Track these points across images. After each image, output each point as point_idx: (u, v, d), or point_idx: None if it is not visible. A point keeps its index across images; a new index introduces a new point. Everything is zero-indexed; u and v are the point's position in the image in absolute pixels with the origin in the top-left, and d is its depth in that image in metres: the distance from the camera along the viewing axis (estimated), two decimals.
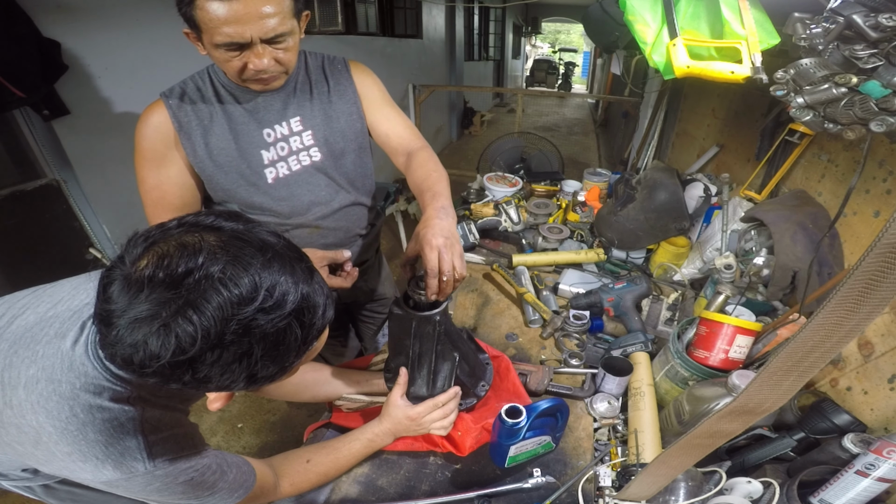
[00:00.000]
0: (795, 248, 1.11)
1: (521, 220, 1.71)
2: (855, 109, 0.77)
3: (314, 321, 0.51)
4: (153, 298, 0.42)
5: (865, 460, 0.68)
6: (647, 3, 1.03)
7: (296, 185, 1.07)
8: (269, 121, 1.02)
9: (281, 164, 1.04)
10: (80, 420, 0.52)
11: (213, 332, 0.43)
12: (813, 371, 0.47)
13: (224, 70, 0.92)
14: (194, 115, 0.98)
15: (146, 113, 0.98)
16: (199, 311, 0.43)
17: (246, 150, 1.01)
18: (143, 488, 0.56)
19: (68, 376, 0.53)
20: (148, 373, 0.45)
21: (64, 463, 0.53)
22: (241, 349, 0.45)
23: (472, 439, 0.90)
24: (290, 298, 0.48)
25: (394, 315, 0.84)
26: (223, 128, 1.00)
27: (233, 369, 0.46)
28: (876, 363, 0.89)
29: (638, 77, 3.43)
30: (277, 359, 0.49)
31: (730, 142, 1.87)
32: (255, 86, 0.96)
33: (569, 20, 13.60)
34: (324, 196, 1.10)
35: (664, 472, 0.68)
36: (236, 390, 0.52)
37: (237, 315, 0.44)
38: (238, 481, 0.67)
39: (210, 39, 0.85)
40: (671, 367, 0.98)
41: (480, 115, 7.90)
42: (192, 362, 0.44)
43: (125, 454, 0.54)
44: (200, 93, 1.00)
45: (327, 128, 1.06)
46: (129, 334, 0.43)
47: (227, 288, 0.44)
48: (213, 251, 0.45)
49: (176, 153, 0.99)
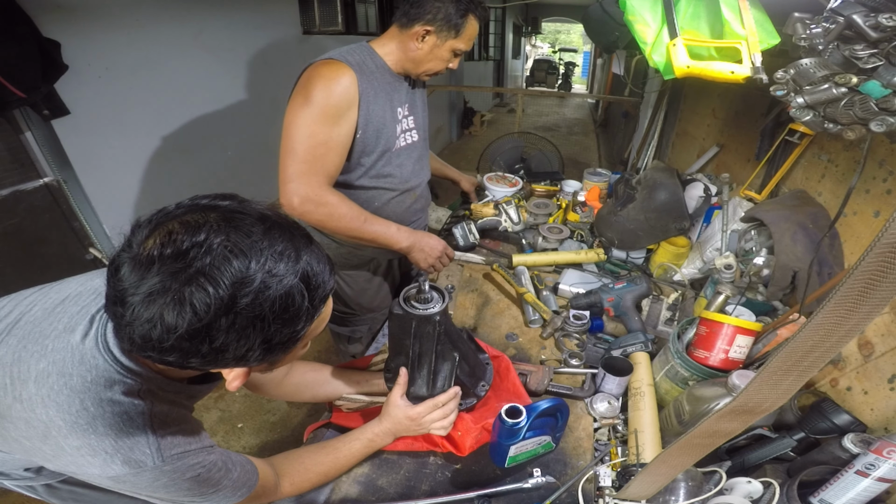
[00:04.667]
0: (795, 248, 1.11)
1: (521, 220, 1.71)
2: (855, 109, 0.77)
3: (318, 283, 0.53)
4: (164, 271, 0.44)
5: (865, 460, 0.68)
6: (647, 2, 1.03)
7: (405, 156, 1.32)
8: (399, 101, 1.25)
9: (402, 137, 1.28)
10: (91, 414, 0.52)
11: (225, 296, 0.45)
12: (812, 371, 0.47)
13: (429, 65, 1.21)
14: (370, 86, 1.14)
15: (334, 71, 1.09)
16: (209, 278, 0.44)
17: (392, 120, 1.23)
18: (150, 483, 0.56)
19: (79, 370, 0.53)
20: (167, 348, 0.46)
21: (72, 458, 0.53)
22: (253, 312, 0.47)
23: (472, 439, 0.90)
24: (294, 261, 0.50)
25: (394, 315, 0.84)
26: (384, 99, 1.19)
27: (248, 334, 0.47)
28: (876, 363, 0.89)
29: (638, 77, 3.43)
30: (289, 321, 0.50)
31: (730, 142, 1.87)
32: (426, 77, 1.27)
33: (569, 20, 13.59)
34: (419, 169, 1.39)
35: (664, 472, 0.68)
36: (254, 363, 0.52)
37: (246, 279, 0.46)
38: (241, 480, 0.67)
39: (457, 45, 1.17)
40: (671, 367, 0.98)
41: (480, 115, 7.90)
42: (209, 329, 0.45)
43: (135, 449, 0.54)
44: (369, 66, 1.17)
45: (421, 116, 1.36)
46: (145, 309, 0.44)
47: (234, 254, 0.46)
48: (216, 225, 0.47)
49: (352, 114, 1.13)
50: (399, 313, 0.83)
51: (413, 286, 0.85)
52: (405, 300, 0.84)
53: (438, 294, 0.85)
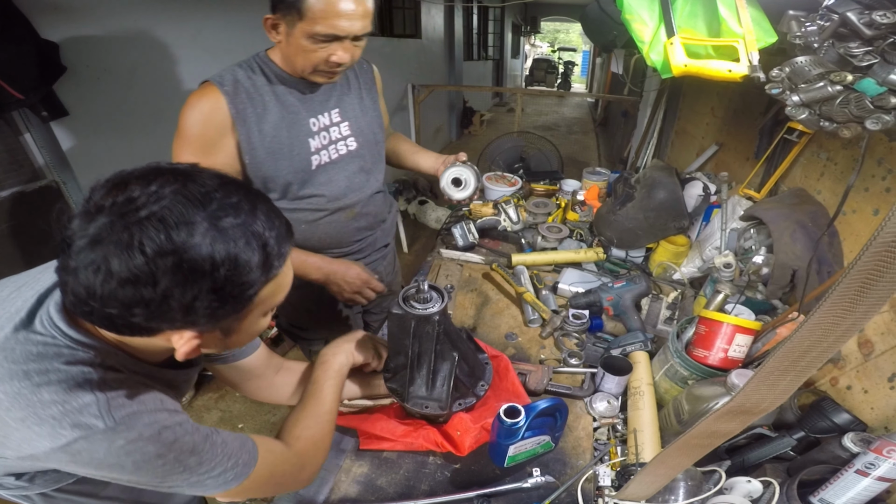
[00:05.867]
0: (795, 247, 1.11)
1: (521, 220, 1.71)
2: (850, 107, 0.77)
3: (272, 240, 0.52)
4: (113, 212, 0.45)
5: (865, 459, 0.67)
6: (644, 1, 1.03)
7: (335, 171, 1.15)
8: (314, 111, 1.09)
9: (324, 151, 1.12)
10: (35, 382, 0.50)
11: (173, 239, 0.44)
12: (810, 370, 0.47)
13: (298, 60, 0.97)
14: (250, 105, 1.01)
15: (197, 98, 0.98)
16: (157, 221, 0.44)
17: (296, 138, 1.07)
18: (107, 450, 0.51)
19: (24, 345, 0.52)
20: (109, 295, 0.45)
21: (21, 433, 0.50)
22: (200, 255, 0.46)
23: (472, 439, 0.89)
24: (248, 214, 0.50)
25: (393, 315, 0.84)
26: (276, 116, 1.04)
27: (194, 279, 0.46)
28: (876, 362, 0.89)
29: (637, 76, 3.42)
30: (238, 273, 0.49)
31: (729, 140, 1.87)
32: (319, 78, 1.01)
33: (568, 19, 13.59)
34: (358, 182, 1.20)
35: (663, 472, 0.68)
36: (204, 322, 0.50)
37: (196, 224, 0.46)
38: (232, 445, 0.61)
39: (310, 28, 0.90)
40: (670, 367, 0.98)
41: (480, 115, 7.90)
42: (153, 273, 0.44)
43: (83, 411, 0.50)
44: (252, 81, 1.02)
45: (362, 120, 1.18)
46: (90, 252, 0.44)
47: (187, 200, 0.46)
48: (171, 178, 0.48)
49: (228, 140, 1.00)
50: (398, 313, 0.83)
51: (412, 286, 0.85)
52: (404, 300, 0.84)
53: (438, 294, 0.85)
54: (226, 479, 0.60)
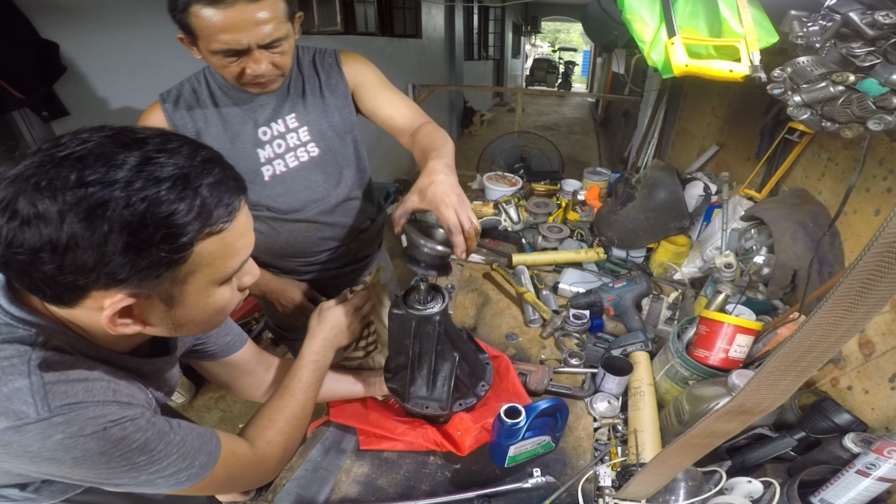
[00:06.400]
0: (795, 247, 1.10)
1: (521, 220, 1.71)
2: (852, 108, 0.77)
3: (205, 186, 0.48)
4: (35, 155, 0.44)
5: (866, 460, 0.67)
6: (645, 1, 1.03)
7: (293, 181, 1.07)
8: (264, 119, 1.03)
9: (278, 161, 1.05)
10: None
11: (82, 175, 0.42)
12: (811, 371, 0.47)
13: (222, 74, 0.94)
14: (189, 118, 1.00)
15: (144, 116, 1.01)
16: (73, 160, 0.43)
17: (241, 150, 1.02)
18: (42, 444, 0.46)
19: None
20: (15, 239, 0.42)
21: None
22: (110, 191, 0.42)
23: (472, 439, 0.89)
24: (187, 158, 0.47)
25: (394, 315, 0.84)
26: (218, 129, 1.01)
27: (102, 215, 0.42)
28: (877, 362, 0.89)
29: (638, 76, 3.42)
30: (157, 212, 0.44)
31: (730, 140, 1.87)
32: (253, 89, 0.97)
33: (568, 19, 13.59)
34: (321, 192, 1.11)
35: (663, 472, 0.68)
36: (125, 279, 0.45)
37: (118, 162, 0.43)
38: (192, 445, 0.56)
39: (207, 46, 0.86)
40: (671, 367, 0.98)
41: (480, 115, 7.91)
42: (60, 214, 0.41)
43: (13, 397, 0.45)
44: (196, 95, 1.01)
45: (323, 122, 1.07)
46: (2, 192, 0.42)
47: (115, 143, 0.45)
48: (107, 129, 0.46)
49: None
50: (399, 313, 0.83)
51: (413, 286, 0.85)
52: (405, 298, 0.84)
53: (438, 294, 0.85)
54: (178, 480, 0.55)
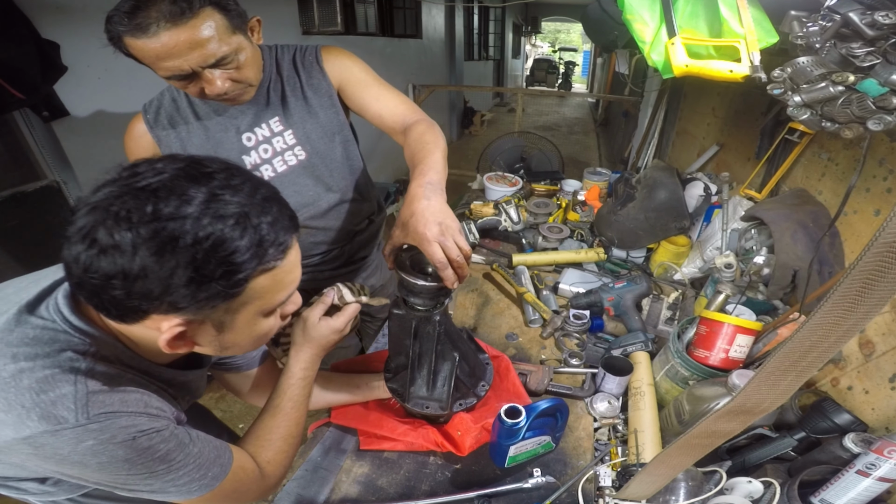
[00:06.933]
0: (796, 247, 1.10)
1: (521, 220, 1.70)
2: (852, 108, 0.77)
3: (266, 225, 0.51)
4: (114, 184, 0.47)
5: (866, 460, 0.67)
6: (645, 1, 1.03)
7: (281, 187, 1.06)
8: (246, 125, 1.01)
9: (265, 166, 1.04)
10: (19, 367, 0.48)
11: (157, 208, 0.45)
12: (811, 371, 0.47)
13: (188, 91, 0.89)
14: (171, 129, 0.99)
15: (129, 126, 1.01)
16: (148, 192, 0.46)
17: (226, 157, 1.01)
18: (73, 448, 0.48)
19: (23, 327, 0.51)
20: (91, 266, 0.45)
21: None
22: (181, 225, 0.45)
23: (472, 439, 0.89)
24: (248, 195, 0.50)
25: (394, 315, 0.84)
26: (201, 139, 1.00)
27: (172, 251, 0.45)
28: (877, 362, 0.89)
29: (638, 76, 3.42)
30: (221, 249, 0.47)
31: (730, 141, 1.87)
32: (226, 103, 0.94)
33: (568, 19, 13.59)
34: (311, 196, 1.09)
35: (663, 472, 0.68)
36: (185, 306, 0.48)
37: (188, 198, 0.46)
38: (207, 457, 0.59)
39: (151, 67, 0.82)
40: (671, 367, 0.98)
41: (480, 115, 7.90)
42: (133, 246, 0.44)
43: (57, 403, 0.48)
44: (176, 104, 1.00)
45: (308, 125, 1.04)
46: (83, 220, 0.45)
47: (187, 176, 0.48)
48: (178, 160, 0.50)
49: None
50: (400, 313, 0.83)
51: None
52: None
53: None
54: (189, 490, 0.58)
